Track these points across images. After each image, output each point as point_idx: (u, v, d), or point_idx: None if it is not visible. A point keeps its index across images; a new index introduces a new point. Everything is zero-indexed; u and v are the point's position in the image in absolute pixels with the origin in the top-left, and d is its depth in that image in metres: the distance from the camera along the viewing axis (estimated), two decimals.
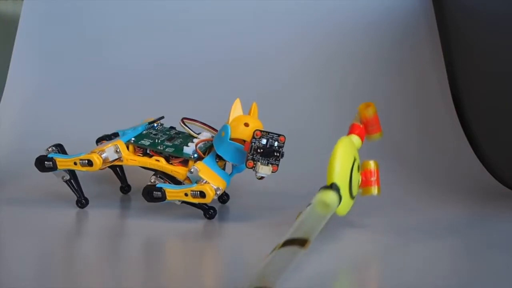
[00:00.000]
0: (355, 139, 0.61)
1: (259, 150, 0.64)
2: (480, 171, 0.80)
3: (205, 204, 0.67)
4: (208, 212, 0.67)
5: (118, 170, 0.73)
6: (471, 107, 0.83)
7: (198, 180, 0.65)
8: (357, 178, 0.60)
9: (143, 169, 0.69)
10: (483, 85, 0.79)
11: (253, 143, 0.64)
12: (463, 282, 0.55)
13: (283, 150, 0.64)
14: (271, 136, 0.64)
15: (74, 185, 0.69)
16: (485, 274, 0.56)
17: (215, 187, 0.65)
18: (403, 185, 0.78)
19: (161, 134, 0.70)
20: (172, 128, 0.72)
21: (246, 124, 0.65)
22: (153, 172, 0.67)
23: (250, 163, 0.64)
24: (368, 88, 0.57)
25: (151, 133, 0.70)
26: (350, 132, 0.62)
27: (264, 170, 0.64)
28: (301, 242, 0.49)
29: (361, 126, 0.62)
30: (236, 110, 0.66)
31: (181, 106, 0.73)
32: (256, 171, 0.64)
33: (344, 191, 0.55)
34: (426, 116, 0.88)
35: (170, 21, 0.93)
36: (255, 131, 0.64)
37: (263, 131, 0.64)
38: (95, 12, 0.93)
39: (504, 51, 0.76)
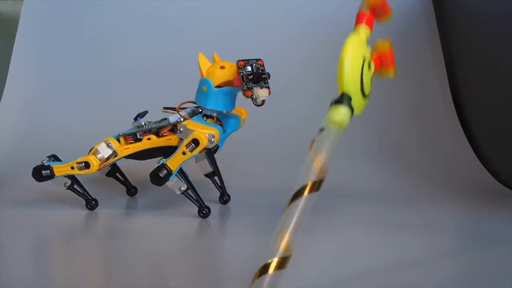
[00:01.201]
0: (363, 30, 0.57)
1: (250, 77, 0.64)
2: (480, 171, 0.80)
3: (202, 202, 0.67)
4: (203, 211, 0.67)
5: (119, 176, 0.73)
6: (471, 107, 0.83)
7: (189, 134, 0.65)
8: (368, 76, 0.56)
9: (146, 171, 0.69)
10: (483, 85, 0.79)
11: (241, 74, 0.64)
12: (463, 282, 0.55)
13: (267, 71, 0.65)
14: (253, 62, 0.65)
15: (78, 189, 0.69)
16: (484, 273, 0.56)
17: (208, 134, 0.65)
18: (403, 185, 0.78)
19: (148, 123, 0.71)
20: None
21: (222, 67, 0.66)
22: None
23: (248, 92, 0.64)
24: None
25: (139, 126, 0.71)
26: (357, 22, 0.57)
27: (262, 93, 0.64)
28: (317, 185, 0.49)
29: (368, 13, 0.57)
30: (204, 63, 0.67)
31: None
32: (256, 97, 0.64)
33: (356, 94, 0.53)
34: (426, 116, 0.88)
35: (170, 21, 0.93)
36: (237, 61, 0.64)
37: (245, 60, 0.64)
38: (95, 12, 0.93)
39: (504, 51, 0.76)
